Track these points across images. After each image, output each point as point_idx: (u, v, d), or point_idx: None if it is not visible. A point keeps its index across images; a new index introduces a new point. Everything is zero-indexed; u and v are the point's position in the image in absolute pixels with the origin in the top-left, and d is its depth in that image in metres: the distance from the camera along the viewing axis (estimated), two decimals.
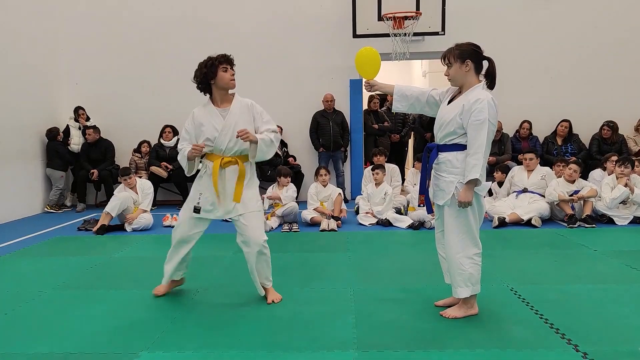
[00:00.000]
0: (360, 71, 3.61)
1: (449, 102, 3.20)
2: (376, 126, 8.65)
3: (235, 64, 3.50)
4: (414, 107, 3.43)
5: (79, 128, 8.30)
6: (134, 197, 6.48)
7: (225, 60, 3.44)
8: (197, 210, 3.50)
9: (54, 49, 8.47)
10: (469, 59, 3.08)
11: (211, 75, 3.43)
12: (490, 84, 3.15)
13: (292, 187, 6.78)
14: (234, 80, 3.48)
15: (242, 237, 3.52)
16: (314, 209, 6.54)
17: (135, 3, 8.58)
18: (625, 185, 6.14)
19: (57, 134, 8.02)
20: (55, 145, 8.00)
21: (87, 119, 8.39)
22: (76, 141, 8.26)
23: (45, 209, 7.92)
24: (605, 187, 6.36)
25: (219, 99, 3.52)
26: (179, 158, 3.59)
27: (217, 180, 3.43)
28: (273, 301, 3.60)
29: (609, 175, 6.58)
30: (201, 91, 3.55)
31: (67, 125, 8.33)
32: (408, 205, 6.75)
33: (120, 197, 6.37)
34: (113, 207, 6.26)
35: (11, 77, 7.36)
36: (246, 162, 3.53)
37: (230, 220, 3.59)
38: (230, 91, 3.54)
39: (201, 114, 3.51)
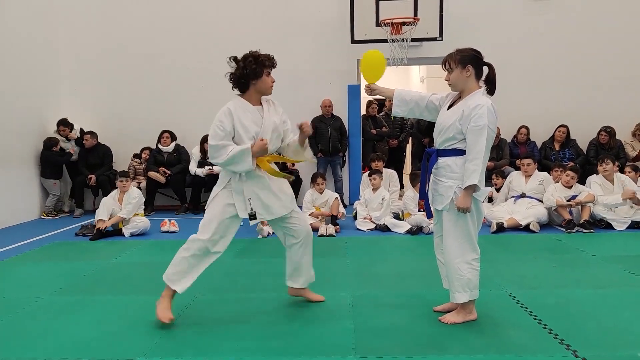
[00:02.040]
0: (365, 73, 3.58)
1: (449, 107, 3.20)
2: (374, 131, 8.66)
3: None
4: (413, 111, 3.44)
5: (68, 140, 8.23)
6: (118, 205, 6.41)
7: (271, 65, 3.35)
8: (253, 216, 3.31)
9: (53, 54, 8.47)
10: (470, 64, 3.09)
11: (255, 76, 3.29)
12: (491, 90, 3.16)
13: None
14: (272, 87, 3.40)
15: (297, 228, 3.47)
16: (309, 214, 6.52)
17: (134, 9, 8.60)
18: (612, 181, 6.41)
19: (54, 146, 7.89)
20: (47, 154, 7.87)
21: (72, 129, 8.24)
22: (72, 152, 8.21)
23: (42, 216, 7.90)
24: (594, 186, 6.47)
25: (254, 99, 3.36)
26: (228, 156, 3.19)
27: (276, 173, 3.37)
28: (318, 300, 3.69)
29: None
30: (236, 87, 3.34)
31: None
32: (403, 213, 6.70)
33: (103, 201, 6.47)
34: (101, 212, 6.31)
35: (10, 81, 7.35)
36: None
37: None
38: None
39: (238, 110, 3.28)
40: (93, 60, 8.63)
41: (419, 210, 6.15)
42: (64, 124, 8.16)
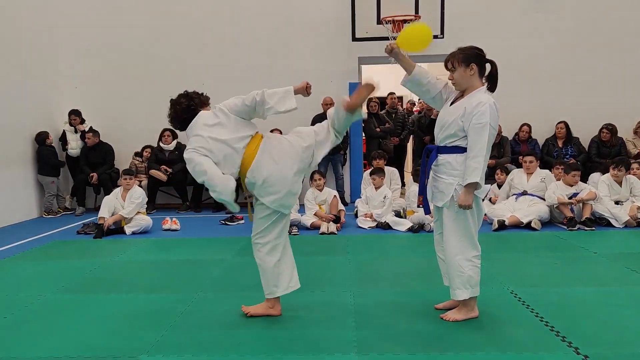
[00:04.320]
0: (404, 38, 3.32)
1: (451, 103, 3.20)
2: (379, 129, 8.64)
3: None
4: (421, 94, 3.41)
5: (75, 132, 8.27)
6: (120, 203, 6.45)
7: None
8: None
9: (53, 52, 8.47)
10: (474, 62, 3.09)
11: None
12: (492, 87, 3.15)
13: None
14: None
15: None
16: (313, 214, 6.52)
17: (135, 7, 8.59)
18: (621, 184, 6.47)
19: (46, 138, 7.84)
20: (42, 151, 7.83)
21: (82, 122, 8.31)
22: (74, 145, 8.21)
23: (43, 215, 7.90)
24: (602, 185, 6.50)
25: None
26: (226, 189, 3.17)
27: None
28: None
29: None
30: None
31: (64, 130, 8.32)
32: (406, 210, 6.70)
33: (105, 200, 6.50)
34: (102, 210, 6.36)
35: (10, 80, 7.35)
36: None
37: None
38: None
39: None
40: (93, 59, 8.62)
41: (418, 206, 6.14)
42: (76, 114, 8.20)
